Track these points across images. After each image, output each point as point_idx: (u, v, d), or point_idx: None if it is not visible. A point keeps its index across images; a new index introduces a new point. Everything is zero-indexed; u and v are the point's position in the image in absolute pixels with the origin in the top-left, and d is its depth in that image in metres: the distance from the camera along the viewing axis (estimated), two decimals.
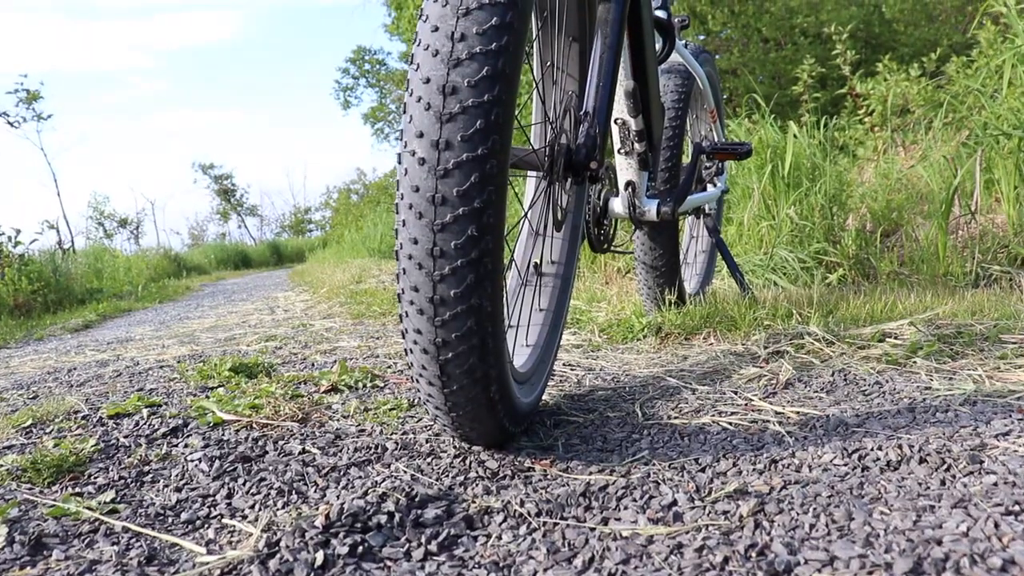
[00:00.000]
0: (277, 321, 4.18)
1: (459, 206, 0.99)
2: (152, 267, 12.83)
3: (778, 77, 11.15)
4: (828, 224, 3.75)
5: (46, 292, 7.32)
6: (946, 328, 1.93)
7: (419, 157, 1.00)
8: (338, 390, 1.91)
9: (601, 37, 1.45)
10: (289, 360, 2.51)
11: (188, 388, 2.09)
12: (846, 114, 7.54)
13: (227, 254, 17.93)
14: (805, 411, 1.45)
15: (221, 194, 25.92)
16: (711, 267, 2.98)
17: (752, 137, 4.38)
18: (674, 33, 2.11)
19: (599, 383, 1.84)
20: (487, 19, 0.99)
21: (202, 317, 5.10)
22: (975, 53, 6.55)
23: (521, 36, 1.03)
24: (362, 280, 5.48)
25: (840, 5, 11.61)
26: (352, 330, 3.38)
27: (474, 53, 0.99)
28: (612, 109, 1.46)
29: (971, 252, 3.10)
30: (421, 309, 1.05)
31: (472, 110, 0.98)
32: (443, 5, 1.02)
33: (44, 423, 1.77)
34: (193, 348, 3.25)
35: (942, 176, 4.26)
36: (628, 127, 1.97)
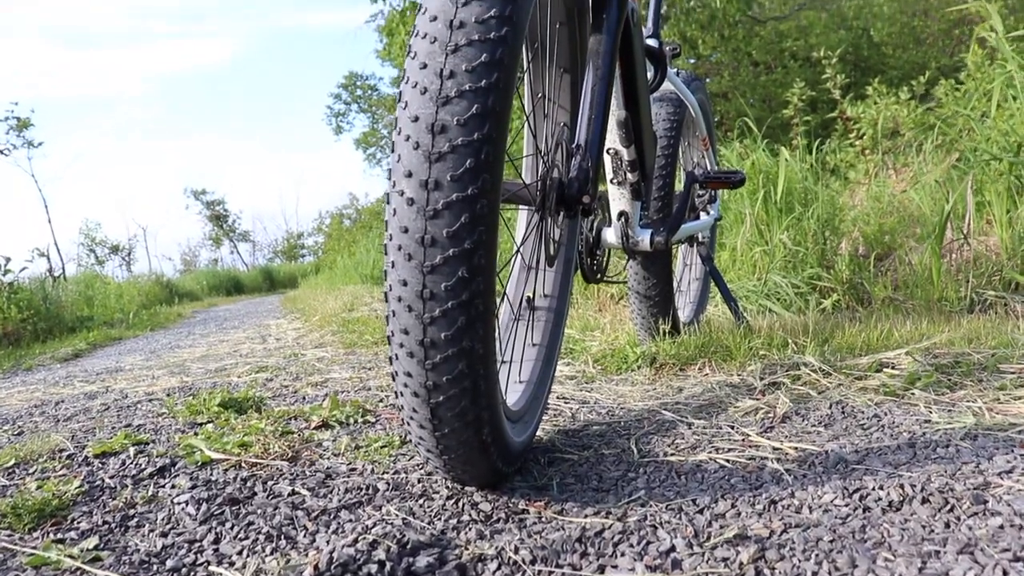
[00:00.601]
0: (269, 350, 4.14)
1: (449, 247, 0.97)
2: (144, 294, 12.76)
3: (768, 100, 11.21)
4: (821, 249, 3.74)
5: (36, 320, 7.26)
6: (943, 358, 1.92)
7: (408, 197, 0.98)
8: (329, 426, 1.88)
9: (593, 69, 1.43)
10: (280, 393, 2.48)
11: (176, 424, 2.06)
12: (837, 137, 7.56)
13: (219, 280, 17.85)
14: (803, 447, 1.42)
15: (213, 220, 25.88)
16: (705, 295, 2.96)
17: (744, 162, 4.38)
18: (665, 62, 2.11)
19: (593, 417, 1.82)
20: (477, 56, 0.98)
21: (193, 346, 5.06)
22: (963, 76, 6.59)
23: (512, 72, 1.01)
24: (354, 308, 5.45)
25: (829, 28, 11.72)
26: (344, 360, 3.35)
27: (463, 91, 0.97)
28: (604, 141, 1.45)
29: (965, 277, 3.09)
30: (411, 352, 1.03)
31: (462, 149, 0.96)
32: (431, 41, 1.00)
33: (28, 463, 1.73)
34: (183, 379, 3.21)
35: (933, 199, 4.27)
36: (621, 157, 1.96)
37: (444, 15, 1.00)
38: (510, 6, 1.01)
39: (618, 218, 2.05)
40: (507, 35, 0.99)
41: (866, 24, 11.36)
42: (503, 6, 1.00)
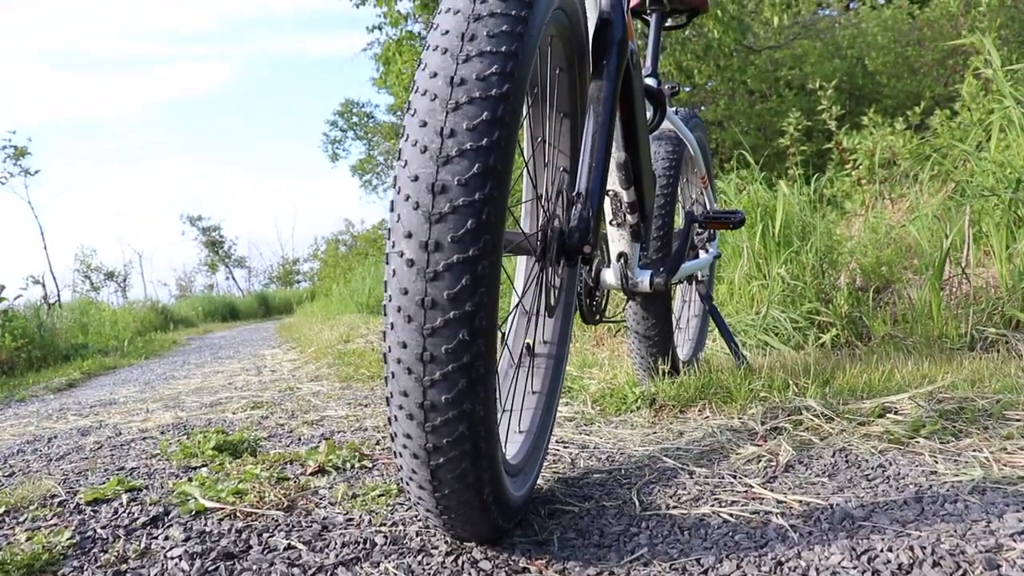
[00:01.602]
0: (264, 383, 4.11)
1: (450, 310, 0.95)
2: (139, 320, 12.71)
3: (764, 128, 11.25)
4: (819, 283, 3.73)
5: (30, 348, 7.22)
6: (947, 403, 1.89)
7: (408, 258, 0.96)
8: (325, 471, 1.85)
9: (593, 115, 1.42)
10: (275, 433, 2.45)
11: (170, 467, 2.02)
12: (832, 166, 7.59)
13: (215, 306, 17.80)
14: (808, 500, 1.40)
15: (209, 246, 25.87)
16: (704, 332, 2.94)
17: (742, 195, 4.38)
18: (665, 102, 2.10)
19: (593, 463, 1.79)
20: (478, 114, 0.97)
21: (188, 377, 5.02)
22: (958, 106, 6.62)
23: (513, 130, 1.00)
24: (350, 339, 5.42)
25: (823, 58, 11.78)
26: (340, 395, 3.32)
27: (464, 150, 0.96)
28: (605, 189, 1.43)
29: (965, 313, 3.08)
30: (411, 414, 1.00)
31: (463, 210, 0.95)
32: (431, 99, 0.99)
33: (18, 510, 1.70)
34: (177, 415, 3.18)
35: (931, 230, 4.26)
36: (620, 199, 1.95)
37: (444, 72, 0.99)
38: (511, 62, 1.00)
39: (617, 259, 2.03)
40: (508, 92, 0.98)
41: (860, 53, 11.42)
42: (504, 62, 0.99)
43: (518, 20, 1.02)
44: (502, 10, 1.02)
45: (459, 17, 1.03)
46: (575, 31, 1.43)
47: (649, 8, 2.38)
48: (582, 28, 1.46)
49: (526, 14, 1.04)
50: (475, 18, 1.02)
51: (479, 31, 1.01)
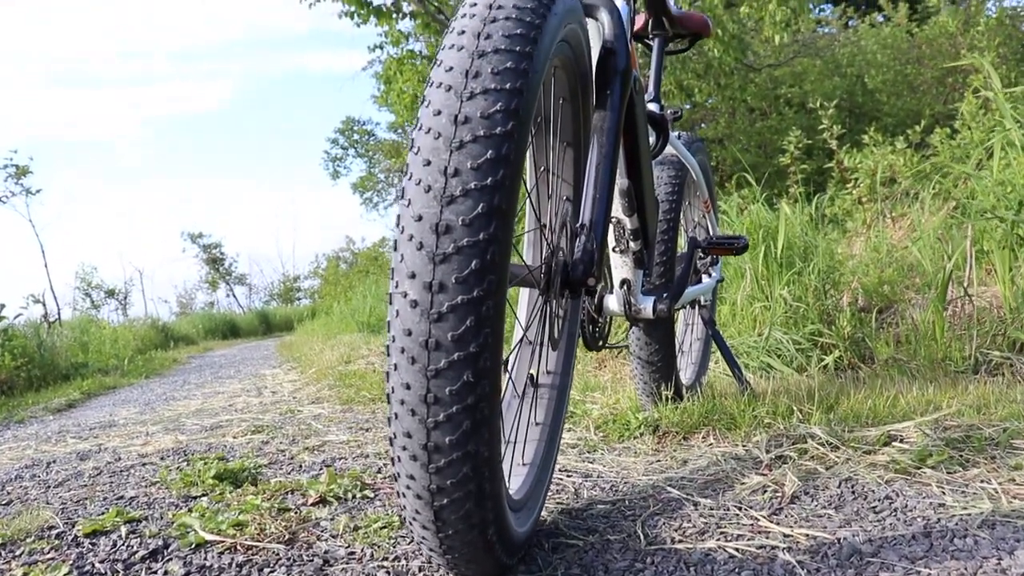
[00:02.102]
0: (264, 405, 4.09)
1: (454, 351, 0.94)
2: (139, 338, 12.68)
3: (764, 146, 11.28)
4: (822, 305, 3.72)
5: (30, 368, 7.19)
6: (953, 431, 1.88)
7: (411, 299, 0.95)
8: (327, 502, 1.83)
9: (597, 146, 1.42)
10: (276, 460, 2.43)
11: (170, 496, 2.01)
12: (833, 184, 7.59)
13: (215, 323, 17.77)
14: (815, 534, 1.38)
15: (210, 263, 25.88)
16: (707, 355, 2.93)
17: (744, 217, 4.37)
18: (667, 127, 2.09)
19: (597, 494, 1.77)
20: (482, 152, 0.96)
21: (188, 398, 5.00)
22: (958, 124, 6.63)
23: (518, 169, 0.99)
24: (351, 360, 5.41)
25: (823, 75, 11.83)
26: (341, 418, 3.30)
27: (469, 189, 0.95)
28: (609, 221, 1.43)
29: (968, 334, 3.06)
30: (414, 455, 0.99)
31: (467, 250, 0.94)
32: (435, 137, 0.98)
33: (15, 543, 1.68)
34: (177, 439, 3.16)
35: (933, 248, 4.26)
36: (623, 226, 1.94)
37: (448, 109, 0.98)
38: (516, 99, 0.99)
39: (620, 286, 2.02)
40: (513, 130, 0.97)
41: (860, 71, 11.47)
42: (509, 99, 0.98)
43: (522, 56, 1.02)
44: (506, 46, 1.02)
45: (463, 54, 1.02)
46: (579, 62, 1.42)
47: (651, 33, 2.38)
48: (586, 58, 1.45)
49: (530, 50, 1.03)
50: (479, 55, 1.01)
51: (483, 68, 1.00)
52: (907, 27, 12.40)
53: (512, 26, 1.04)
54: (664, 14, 2.34)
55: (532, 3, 1.08)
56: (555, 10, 1.12)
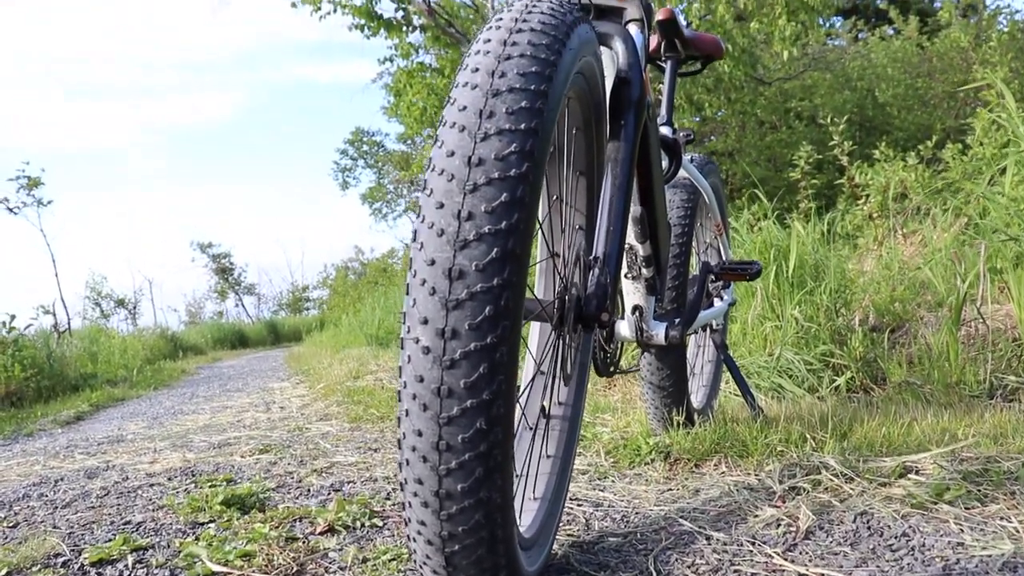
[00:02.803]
0: (272, 422, 4.08)
1: (467, 399, 0.92)
2: (148, 348, 12.71)
3: (774, 159, 11.25)
4: (834, 325, 3.69)
5: (39, 378, 7.20)
6: (970, 463, 1.85)
7: (423, 346, 0.93)
8: (335, 531, 1.81)
9: (611, 177, 1.40)
10: (284, 483, 2.42)
11: (177, 523, 1.99)
12: (844, 199, 7.56)
13: (224, 333, 17.80)
14: (830, 574, 1.36)
15: (219, 272, 25.94)
16: (718, 378, 2.90)
17: (755, 235, 4.35)
18: (680, 151, 2.08)
19: (608, 525, 1.75)
20: (496, 195, 0.94)
21: (196, 412, 5.00)
22: (970, 139, 6.60)
23: (533, 210, 0.97)
24: (359, 376, 5.40)
25: (833, 89, 11.79)
26: (350, 437, 3.29)
27: (483, 233, 0.93)
28: (623, 253, 1.41)
29: (983, 358, 3.03)
30: (426, 502, 0.98)
31: (481, 296, 0.92)
32: (448, 179, 0.96)
33: (21, 572, 1.67)
34: (185, 456, 3.15)
35: (945, 267, 4.23)
36: (636, 252, 1.92)
37: (462, 150, 0.97)
38: (531, 140, 0.97)
39: (632, 312, 2.00)
40: (528, 172, 0.96)
41: (870, 85, 11.44)
42: (524, 140, 0.97)
43: (537, 95, 1.00)
44: (521, 85, 1.00)
45: (477, 92, 1.01)
46: (593, 92, 1.41)
47: (664, 55, 2.37)
48: (600, 88, 1.44)
49: (545, 88, 1.02)
50: (494, 93, 1.00)
51: (498, 107, 0.99)
52: (917, 40, 12.37)
53: (527, 64, 1.02)
54: (677, 36, 2.33)
55: (547, 39, 1.07)
56: (570, 45, 1.11)
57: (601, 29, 1.48)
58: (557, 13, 1.14)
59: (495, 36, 1.07)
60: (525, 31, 1.07)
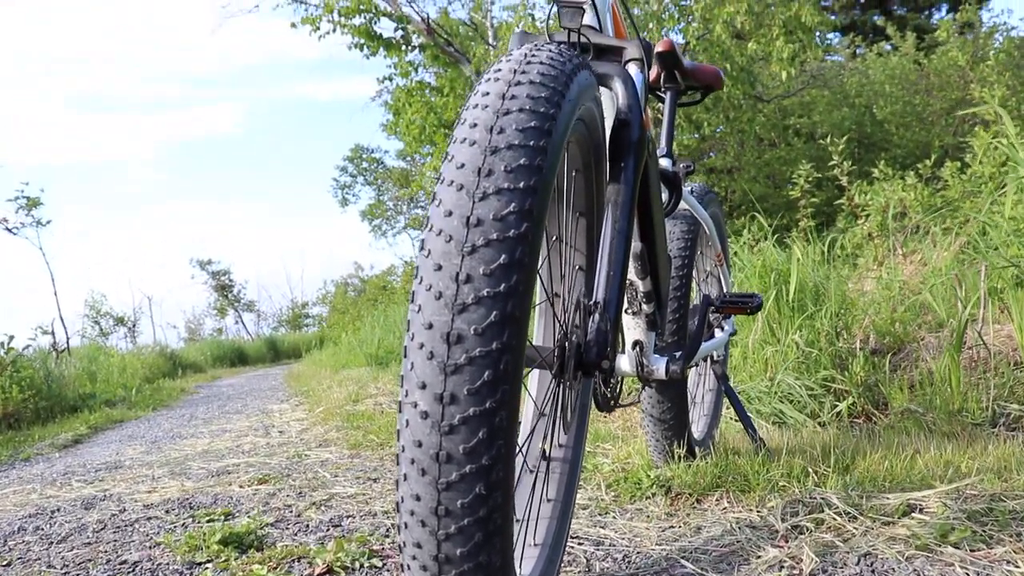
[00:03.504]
0: (272, 447, 4.06)
1: (466, 464, 0.91)
2: (147, 366, 12.68)
3: (773, 176, 11.27)
4: (835, 350, 3.68)
5: (37, 400, 7.17)
6: (975, 502, 1.84)
7: (421, 410, 0.92)
8: (334, 571, 1.79)
9: (611, 221, 1.39)
10: (282, 518, 2.40)
11: (174, 563, 1.97)
12: (843, 217, 7.57)
13: (223, 351, 17.77)
14: None
15: (219, 289, 25.93)
16: (719, 407, 2.89)
17: (755, 259, 4.34)
18: (680, 184, 2.07)
19: (610, 566, 1.73)
20: (495, 257, 0.93)
21: (195, 436, 4.98)
22: (968, 157, 6.61)
23: (532, 271, 0.96)
24: (359, 399, 5.38)
25: (832, 106, 11.83)
26: (349, 465, 3.27)
27: (481, 297, 0.92)
28: (623, 298, 1.40)
29: (985, 385, 3.02)
30: (424, 566, 0.96)
31: (480, 360, 0.91)
32: (447, 240, 0.95)
33: None
34: (183, 486, 3.13)
35: (945, 287, 4.22)
36: (636, 288, 1.91)
37: (460, 211, 0.96)
38: (530, 198, 0.96)
39: (632, 347, 1.99)
40: (527, 232, 0.95)
41: (868, 102, 11.47)
42: (523, 199, 0.96)
43: (537, 151, 0.99)
44: (520, 141, 0.99)
45: (475, 149, 1.00)
46: (593, 135, 1.40)
47: (664, 86, 2.36)
48: (600, 131, 1.43)
49: (545, 144, 1.01)
50: (492, 151, 0.99)
51: (496, 165, 0.98)
52: (915, 56, 12.42)
53: (526, 119, 1.01)
54: (676, 68, 2.33)
55: (546, 92, 1.06)
56: (569, 96, 1.10)
57: (601, 70, 1.47)
58: (556, 63, 1.13)
59: (493, 89, 1.06)
60: (524, 84, 1.06)
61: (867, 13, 22.16)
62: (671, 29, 8.34)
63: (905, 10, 22.04)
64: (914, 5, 22.07)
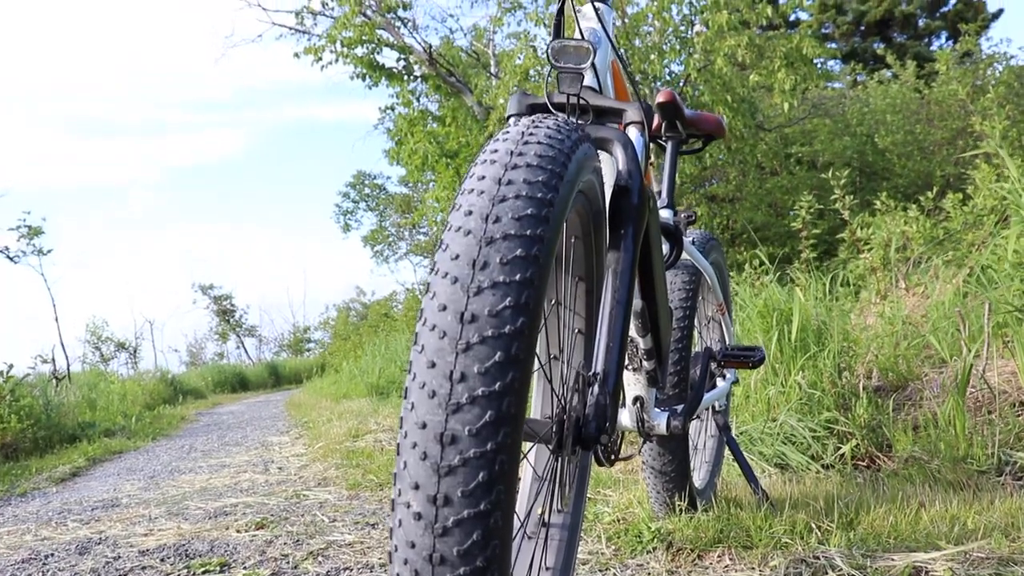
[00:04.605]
0: (270, 485, 4.04)
1: (459, 566, 0.89)
2: (148, 392, 12.67)
3: (775, 205, 11.26)
4: (838, 391, 3.65)
5: (36, 429, 7.13)
6: (982, 566, 1.80)
7: (415, 511, 0.90)
8: None
9: (611, 291, 1.37)
10: (279, 571, 2.37)
11: None
12: (845, 248, 7.56)
13: (224, 376, 17.74)
14: None
15: (220, 314, 25.94)
16: (721, 453, 2.86)
17: (757, 298, 4.32)
18: (681, 237, 2.05)
19: None
20: (490, 355, 0.91)
21: (193, 471, 4.95)
22: (970, 189, 6.60)
23: (528, 366, 0.94)
24: (358, 435, 5.35)
25: (833, 134, 11.83)
26: (348, 508, 3.24)
27: (476, 396, 0.90)
28: (623, 369, 1.38)
29: (991, 431, 2.99)
30: None
31: (474, 461, 0.89)
32: (441, 336, 0.93)
33: None
34: (180, 528, 3.11)
35: (948, 321, 4.20)
36: (636, 345, 1.89)
37: (454, 306, 0.94)
38: (526, 292, 0.94)
39: (633, 402, 1.97)
40: (523, 327, 0.93)
41: (870, 130, 11.47)
42: (519, 293, 0.94)
43: (533, 241, 0.97)
44: (516, 231, 0.97)
45: (470, 240, 0.98)
46: (592, 204, 1.38)
47: (665, 136, 2.36)
48: (600, 199, 1.41)
49: (542, 232, 0.99)
50: (487, 241, 0.97)
51: (492, 257, 0.96)
52: (915, 85, 12.44)
53: (522, 206, 0.99)
54: (678, 118, 2.32)
55: (544, 175, 1.04)
56: (568, 177, 1.08)
57: (600, 134, 1.45)
58: (554, 141, 1.11)
59: (489, 173, 1.04)
60: (520, 167, 1.04)
61: (868, 40, 22.30)
62: (672, 61, 8.37)
63: (905, 37, 22.18)
64: (914, 33, 22.21)
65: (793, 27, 14.44)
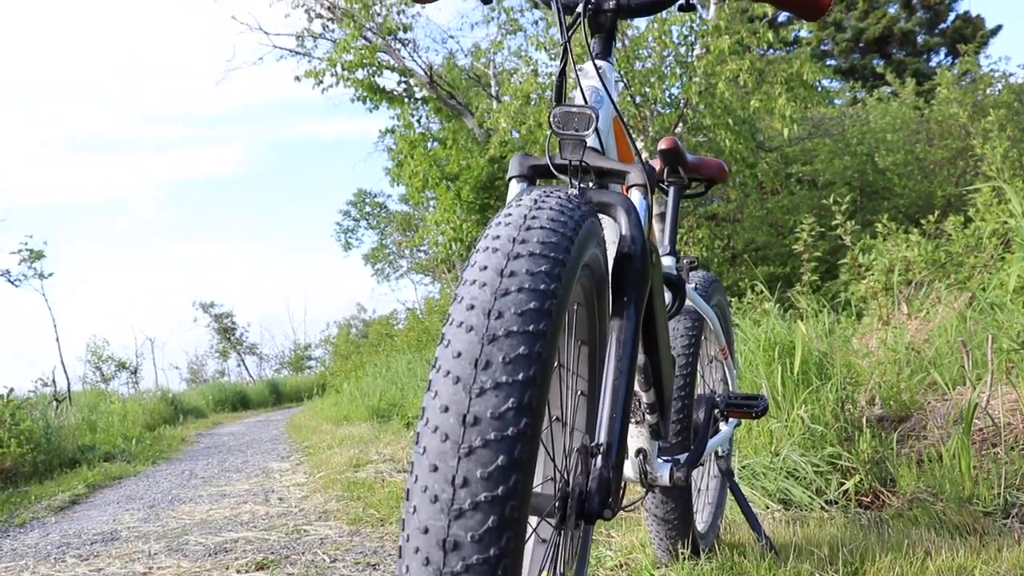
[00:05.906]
0: (271, 518, 4.02)
1: None
2: (148, 412, 12.64)
3: (776, 224, 11.25)
4: (841, 426, 3.63)
5: (35, 454, 7.10)
6: None
7: None
8: None
9: (615, 359, 1.35)
10: None
11: None
12: (846, 271, 7.55)
13: (225, 394, 17.70)
14: None
15: (221, 332, 25.93)
16: (723, 495, 2.83)
17: (758, 329, 4.31)
18: (684, 286, 2.04)
19: None
20: (492, 459, 0.89)
21: (193, 500, 4.93)
22: (972, 212, 6.60)
23: (531, 468, 0.93)
24: (360, 465, 5.33)
25: (834, 154, 11.84)
26: (348, 545, 3.22)
27: (478, 502, 0.89)
28: (627, 439, 1.36)
29: (997, 471, 2.96)
30: None
31: (476, 568, 0.87)
32: (442, 440, 0.91)
33: None
34: (179, 567, 3.10)
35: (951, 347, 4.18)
36: (639, 399, 1.88)
37: (456, 406, 0.92)
38: (529, 392, 0.93)
39: (636, 455, 1.96)
40: (526, 428, 0.91)
41: (870, 149, 11.48)
42: (522, 393, 0.92)
43: (536, 337, 0.96)
44: (519, 327, 0.96)
45: (472, 336, 0.96)
46: (596, 275, 1.37)
47: (667, 181, 2.35)
48: (604, 268, 1.40)
49: (545, 327, 0.97)
50: (490, 339, 0.95)
51: (494, 356, 0.94)
52: (915, 102, 12.46)
53: (526, 299, 0.98)
54: (680, 164, 2.31)
55: (547, 264, 1.03)
56: (571, 261, 1.07)
57: (603, 199, 1.44)
58: (558, 224, 1.10)
59: (492, 263, 1.03)
60: (523, 256, 1.03)
61: (867, 57, 22.36)
62: (672, 85, 8.38)
63: (904, 54, 22.23)
64: (913, 49, 22.26)
65: (793, 45, 14.49)
